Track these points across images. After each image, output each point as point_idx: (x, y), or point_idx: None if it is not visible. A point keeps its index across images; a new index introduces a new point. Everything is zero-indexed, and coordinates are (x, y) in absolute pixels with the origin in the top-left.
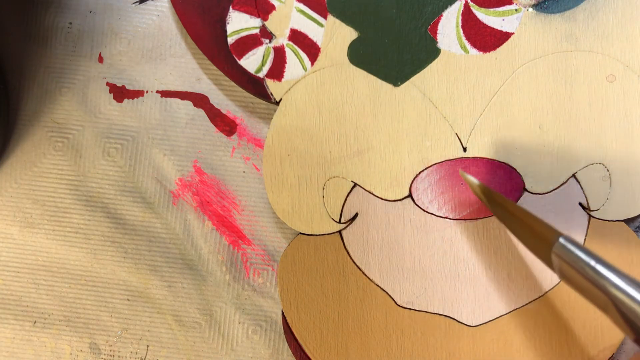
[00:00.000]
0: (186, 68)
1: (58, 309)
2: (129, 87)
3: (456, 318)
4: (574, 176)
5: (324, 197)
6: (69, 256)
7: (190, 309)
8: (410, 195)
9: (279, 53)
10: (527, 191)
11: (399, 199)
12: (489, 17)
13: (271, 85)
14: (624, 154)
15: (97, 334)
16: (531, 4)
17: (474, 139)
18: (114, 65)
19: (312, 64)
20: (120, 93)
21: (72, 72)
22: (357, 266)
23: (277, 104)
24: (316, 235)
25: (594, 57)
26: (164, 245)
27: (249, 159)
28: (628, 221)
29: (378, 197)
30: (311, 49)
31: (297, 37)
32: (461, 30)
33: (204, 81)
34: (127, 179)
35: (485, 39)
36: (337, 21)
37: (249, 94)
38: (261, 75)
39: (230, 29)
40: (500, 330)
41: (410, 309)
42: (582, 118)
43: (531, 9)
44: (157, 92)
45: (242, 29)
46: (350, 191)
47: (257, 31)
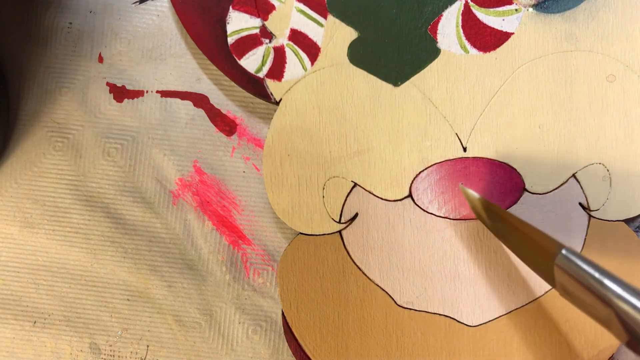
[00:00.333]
0: (186, 68)
1: (58, 309)
2: (129, 87)
3: (456, 318)
4: (574, 176)
5: (324, 197)
6: (69, 256)
7: (190, 309)
8: (410, 195)
9: (279, 53)
10: (527, 191)
11: (399, 199)
12: (489, 17)
13: (271, 85)
14: (624, 154)
15: (97, 334)
16: (531, 4)
17: (474, 139)
18: (114, 65)
19: (312, 64)
20: (120, 93)
21: (72, 72)
22: (357, 266)
23: (277, 104)
24: (316, 235)
25: (594, 57)
26: (164, 245)
27: (249, 159)
28: (628, 221)
29: (378, 197)
30: (311, 49)
31: (297, 37)
32: (461, 30)
33: (204, 81)
34: (127, 179)
35: (485, 39)
36: (337, 21)
37: (249, 94)
38: (261, 75)
39: (230, 29)
40: (500, 330)
41: (410, 309)
42: (582, 118)
43: (531, 9)
44: (157, 92)
45: (242, 29)
46: (350, 191)
47: (257, 31)
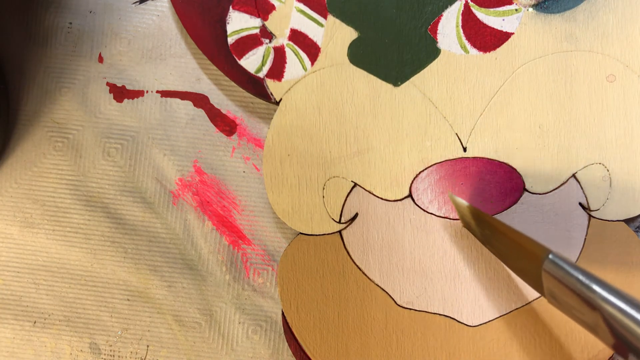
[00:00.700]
0: (186, 68)
1: (58, 309)
2: (129, 87)
3: (456, 318)
4: (574, 176)
5: (324, 197)
6: (69, 256)
7: (190, 309)
8: (411, 195)
9: (279, 53)
10: (527, 191)
11: (399, 199)
12: (489, 17)
13: (271, 85)
14: (624, 154)
15: (97, 334)
16: (531, 4)
17: (474, 139)
18: (114, 65)
19: (312, 64)
20: (120, 93)
21: (72, 72)
22: (357, 266)
23: (277, 104)
24: (316, 235)
25: (594, 57)
26: (164, 245)
27: (249, 159)
28: (628, 221)
29: (378, 197)
30: (311, 49)
31: (297, 37)
32: (461, 30)
33: (204, 81)
34: (127, 179)
35: (485, 39)
36: (337, 21)
37: (249, 94)
38: (261, 75)
39: (230, 29)
40: (500, 330)
41: (410, 309)
42: (582, 118)
43: (531, 9)
44: (157, 92)
45: (242, 29)
46: (350, 191)
47: (257, 31)
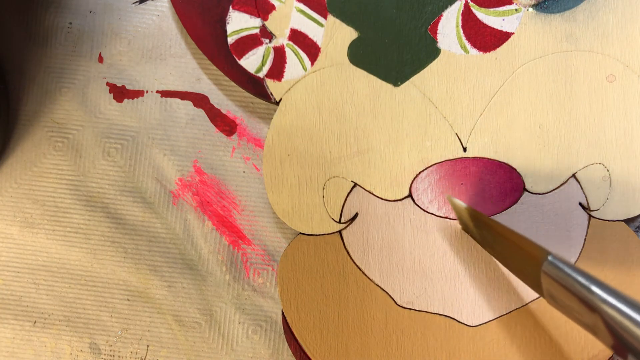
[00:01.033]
0: (186, 68)
1: (58, 309)
2: (129, 87)
3: (456, 318)
4: (574, 176)
5: (324, 197)
6: (69, 256)
7: (190, 309)
8: (411, 195)
9: (279, 53)
10: (527, 191)
11: (399, 199)
12: (489, 17)
13: (271, 85)
14: (624, 154)
15: (97, 334)
16: (531, 4)
17: (474, 139)
18: (114, 65)
19: (312, 64)
20: (120, 93)
21: (72, 72)
22: (357, 266)
23: (277, 104)
24: (316, 235)
25: (594, 57)
26: (164, 245)
27: (249, 159)
28: (628, 221)
29: (378, 197)
30: (311, 49)
31: (297, 37)
32: (461, 30)
33: (204, 81)
34: (127, 179)
35: (485, 39)
36: (337, 21)
37: (249, 94)
38: (261, 75)
39: (230, 29)
40: (500, 330)
41: (410, 309)
42: (582, 118)
43: (531, 9)
44: (157, 92)
45: (242, 29)
46: (350, 191)
47: (257, 31)
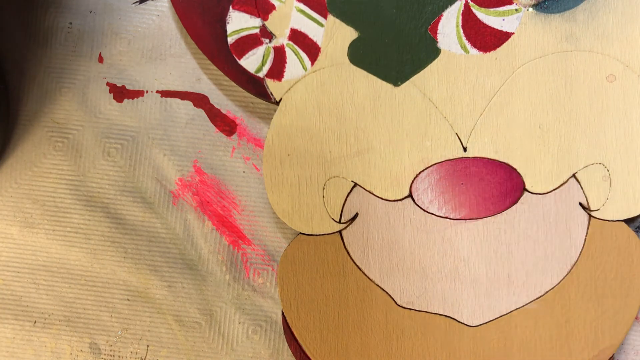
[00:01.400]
0: (186, 68)
1: (58, 309)
2: (129, 87)
3: (456, 318)
4: (574, 176)
5: (324, 197)
6: (69, 256)
7: (190, 309)
8: (411, 195)
9: (279, 53)
10: (527, 191)
11: (399, 199)
12: (489, 17)
13: (271, 85)
14: (624, 154)
15: (97, 334)
16: (531, 4)
17: (474, 139)
18: (114, 65)
19: (312, 63)
20: (120, 93)
21: (72, 72)
22: (357, 266)
23: (277, 103)
24: (316, 235)
25: (594, 57)
26: (164, 245)
27: (249, 159)
28: (628, 221)
29: (378, 197)
30: (311, 49)
31: (297, 37)
32: (461, 30)
33: (204, 81)
34: (127, 179)
35: (486, 38)
36: (337, 21)
37: (249, 94)
38: (261, 75)
39: (230, 28)
40: (500, 330)
41: (411, 309)
42: (582, 118)
43: (531, 9)
44: (157, 92)
45: (242, 29)
46: (351, 191)
47: (257, 31)
